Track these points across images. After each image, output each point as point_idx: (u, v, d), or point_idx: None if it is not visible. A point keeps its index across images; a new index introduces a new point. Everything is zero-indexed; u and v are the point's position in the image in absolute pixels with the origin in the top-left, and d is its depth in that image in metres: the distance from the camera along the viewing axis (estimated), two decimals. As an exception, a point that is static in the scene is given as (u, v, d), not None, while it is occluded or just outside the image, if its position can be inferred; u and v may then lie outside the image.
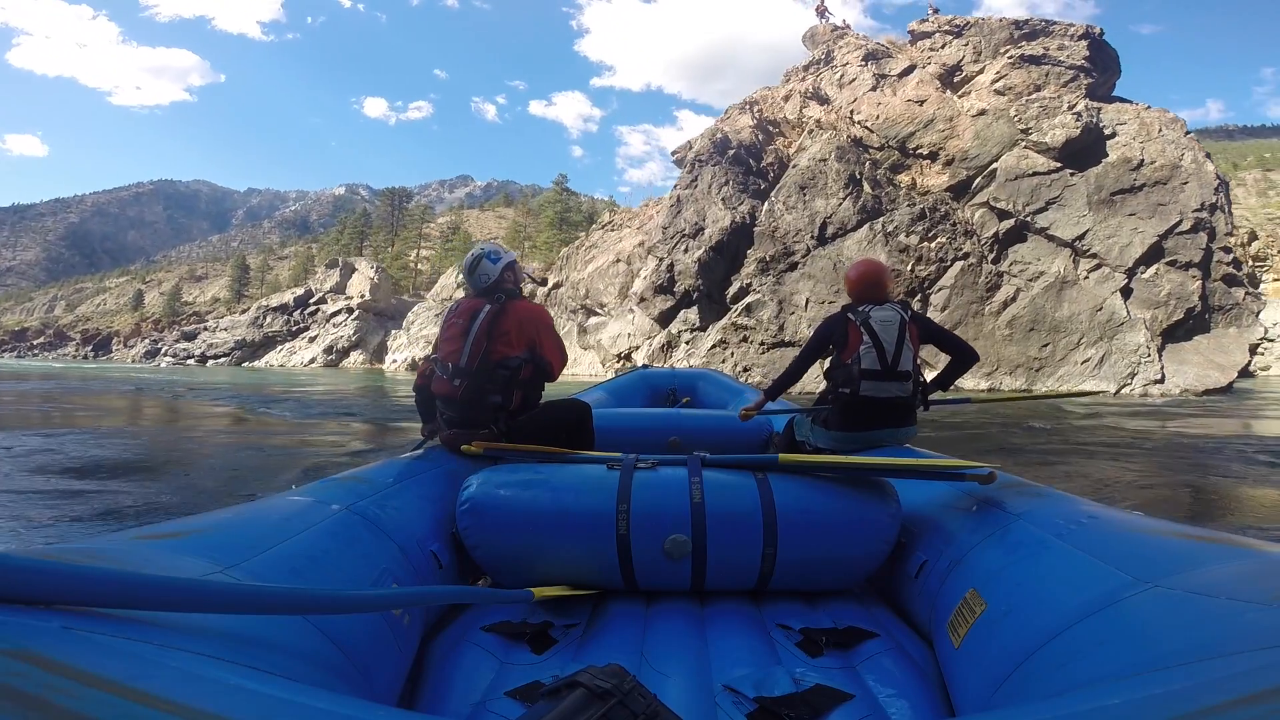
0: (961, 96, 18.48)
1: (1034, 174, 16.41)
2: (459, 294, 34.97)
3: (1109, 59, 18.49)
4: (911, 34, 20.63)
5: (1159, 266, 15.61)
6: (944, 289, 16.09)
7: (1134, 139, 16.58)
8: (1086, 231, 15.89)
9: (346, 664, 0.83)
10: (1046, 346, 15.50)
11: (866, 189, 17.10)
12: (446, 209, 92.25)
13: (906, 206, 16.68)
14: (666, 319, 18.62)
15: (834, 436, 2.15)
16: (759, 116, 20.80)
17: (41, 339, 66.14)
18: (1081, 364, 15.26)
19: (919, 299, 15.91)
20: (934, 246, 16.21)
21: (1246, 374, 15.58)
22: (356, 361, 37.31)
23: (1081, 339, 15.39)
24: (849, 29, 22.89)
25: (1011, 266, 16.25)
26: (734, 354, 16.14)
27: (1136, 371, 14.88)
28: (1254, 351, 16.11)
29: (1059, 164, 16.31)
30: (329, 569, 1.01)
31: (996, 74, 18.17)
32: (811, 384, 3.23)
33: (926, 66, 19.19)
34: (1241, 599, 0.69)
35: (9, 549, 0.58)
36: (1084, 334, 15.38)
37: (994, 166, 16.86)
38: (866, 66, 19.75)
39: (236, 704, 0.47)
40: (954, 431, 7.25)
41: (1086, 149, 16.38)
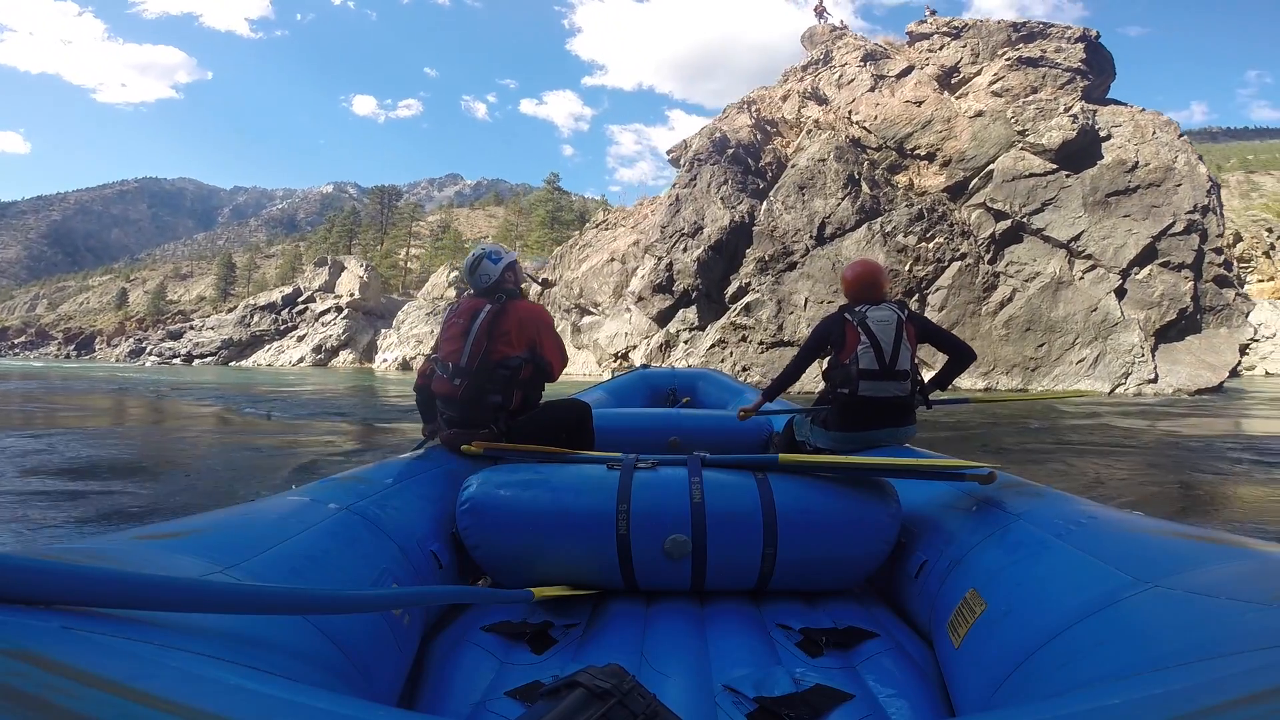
0: (959, 98, 18.52)
1: (1030, 175, 16.47)
2: (450, 293, 34.68)
3: (1104, 61, 18.56)
4: (910, 35, 20.67)
5: (1152, 267, 15.70)
6: (941, 289, 16.13)
7: (1128, 141, 16.66)
8: (1082, 233, 15.97)
9: (346, 664, 0.82)
10: (1042, 346, 15.57)
11: (865, 189, 17.12)
12: (436, 207, 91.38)
13: (904, 207, 16.72)
14: (665, 318, 18.61)
15: (833, 437, 2.15)
16: (757, 116, 20.79)
17: (23, 338, 65.34)
18: (1077, 364, 15.34)
19: (917, 299, 15.95)
20: (932, 247, 16.26)
21: (1234, 373, 15.70)
22: (346, 361, 36.78)
23: (1076, 339, 15.46)
24: (846, 29, 22.92)
25: (1008, 267, 16.31)
26: (733, 353, 16.14)
27: (1130, 371, 14.97)
28: (1243, 351, 16.24)
29: (1055, 165, 16.37)
30: (329, 569, 1.01)
31: (994, 76, 18.21)
32: (810, 384, 3.22)
33: (924, 68, 19.22)
34: (1241, 599, 0.69)
35: (9, 549, 0.57)
36: (1079, 334, 15.46)
37: (991, 168, 16.91)
38: (865, 67, 19.77)
39: (236, 704, 0.47)
40: (950, 432, 7.28)
41: (1082, 151, 16.44)
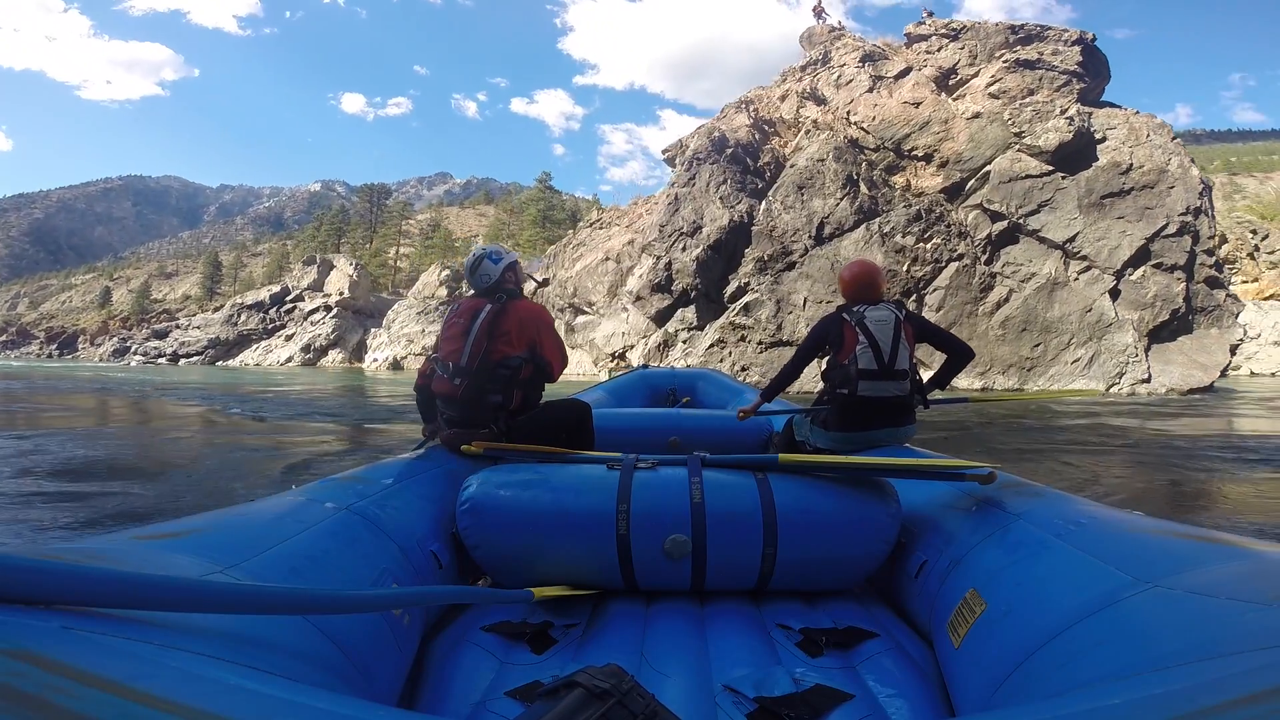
0: (956, 99, 18.57)
1: (1026, 177, 16.54)
2: (442, 291, 34.48)
3: (1100, 64, 18.66)
4: (908, 36, 20.71)
5: (1145, 269, 15.81)
6: (939, 289, 16.18)
7: (1123, 143, 16.75)
8: (1077, 234, 16.06)
9: (346, 664, 0.82)
10: (1038, 346, 15.65)
11: (863, 189, 17.16)
12: (425, 206, 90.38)
13: (903, 207, 16.76)
14: (663, 318, 18.58)
15: (833, 437, 2.15)
16: (755, 116, 20.79)
17: (3, 337, 64.42)
18: (1072, 364, 15.43)
19: (914, 299, 16.00)
20: (929, 247, 16.30)
21: (1222, 373, 15.84)
22: (335, 360, 36.35)
23: (1072, 339, 15.56)
24: (844, 30, 22.95)
25: (1004, 268, 16.38)
26: (732, 353, 16.15)
27: (1124, 371, 15.07)
28: (1234, 352, 16.39)
29: (1051, 167, 16.44)
30: (329, 569, 1.01)
31: (991, 78, 18.27)
32: (810, 384, 3.22)
33: (922, 69, 19.26)
34: (1241, 599, 0.69)
35: (9, 549, 0.57)
36: (1074, 334, 15.55)
37: (987, 169, 16.97)
38: (863, 68, 19.80)
39: (236, 704, 0.47)
40: (946, 432, 7.30)
41: (1077, 153, 16.52)
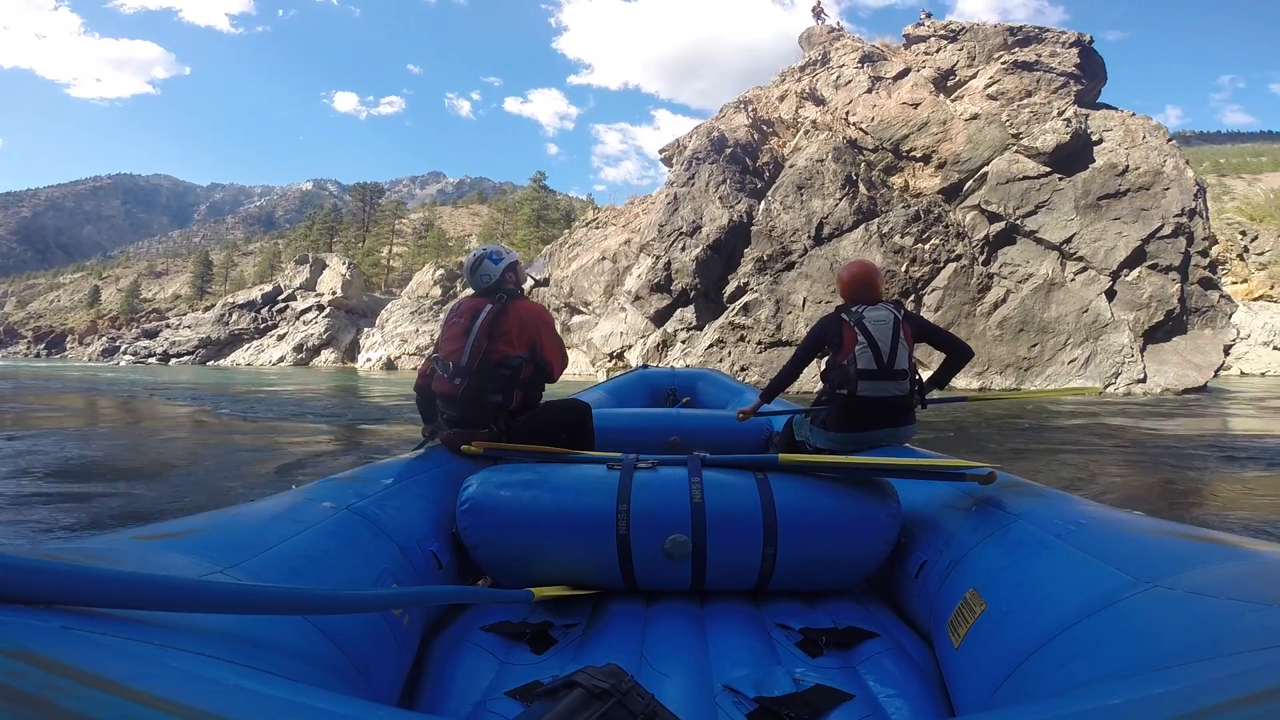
0: (955, 100, 18.61)
1: (1024, 178, 16.60)
2: (436, 291, 34.26)
3: (1096, 66, 18.74)
4: (907, 38, 20.76)
5: (1141, 270, 15.89)
6: (937, 290, 16.22)
7: (1119, 145, 16.82)
8: (1073, 235, 16.12)
9: (346, 664, 0.82)
10: (1035, 347, 15.71)
11: (862, 190, 17.18)
12: (418, 205, 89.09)
13: (901, 208, 16.79)
14: (662, 318, 18.57)
15: (833, 437, 2.15)
16: (753, 116, 20.80)
17: None
18: (1068, 364, 15.49)
19: (913, 300, 16.03)
20: (927, 248, 16.34)
21: (1214, 373, 15.96)
22: (328, 360, 35.84)
23: (1068, 339, 15.63)
24: (843, 31, 22.98)
25: (1001, 268, 16.44)
26: (731, 353, 16.15)
27: (1120, 371, 15.15)
28: (1227, 352, 16.49)
29: (1048, 168, 16.50)
30: (329, 569, 1.01)
31: (989, 79, 18.31)
32: (809, 383, 3.23)
33: (921, 70, 19.29)
34: (1241, 599, 0.69)
35: (9, 549, 0.56)
36: (1070, 334, 15.62)
37: (985, 170, 17.01)
38: (862, 69, 19.83)
39: (236, 704, 0.46)
40: (941, 432, 7.33)
41: (1074, 154, 16.58)
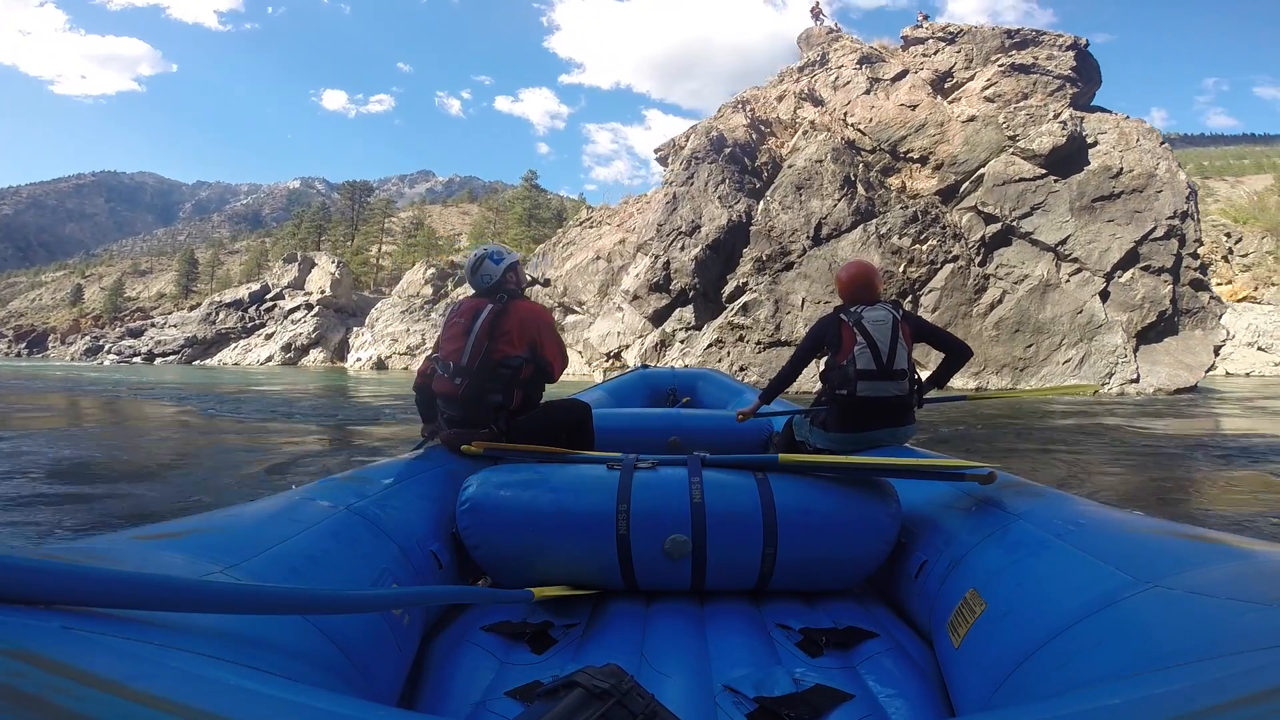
0: (952, 102, 18.68)
1: (1020, 180, 16.69)
2: (427, 290, 33.98)
3: (1091, 69, 18.87)
4: (904, 39, 20.83)
5: (1134, 271, 16.03)
6: (934, 290, 16.30)
7: (1114, 148, 16.95)
8: (1068, 237, 16.25)
9: (346, 664, 0.82)
10: (1030, 347, 15.82)
11: (860, 191, 17.22)
12: (407, 204, 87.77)
13: (899, 209, 16.85)
14: (661, 317, 18.55)
15: (832, 438, 2.15)
16: (751, 116, 20.82)
17: None
18: (1063, 364, 15.60)
19: (910, 300, 16.09)
20: (925, 249, 16.40)
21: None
22: (317, 360, 35.38)
23: (1063, 340, 15.75)
24: (841, 32, 23.03)
25: (998, 269, 16.53)
26: (730, 353, 16.17)
27: (1114, 371, 15.28)
28: (1217, 352, 16.65)
29: (1044, 171, 16.61)
30: (329, 569, 1.01)
31: (987, 81, 18.40)
32: (808, 383, 3.23)
33: (919, 72, 19.36)
34: (1241, 599, 0.69)
35: (9, 549, 0.56)
36: (1065, 335, 15.75)
37: (982, 172, 17.10)
38: (861, 70, 19.89)
39: (236, 704, 0.46)
40: (933, 431, 7.36)
41: (1069, 156, 16.69)
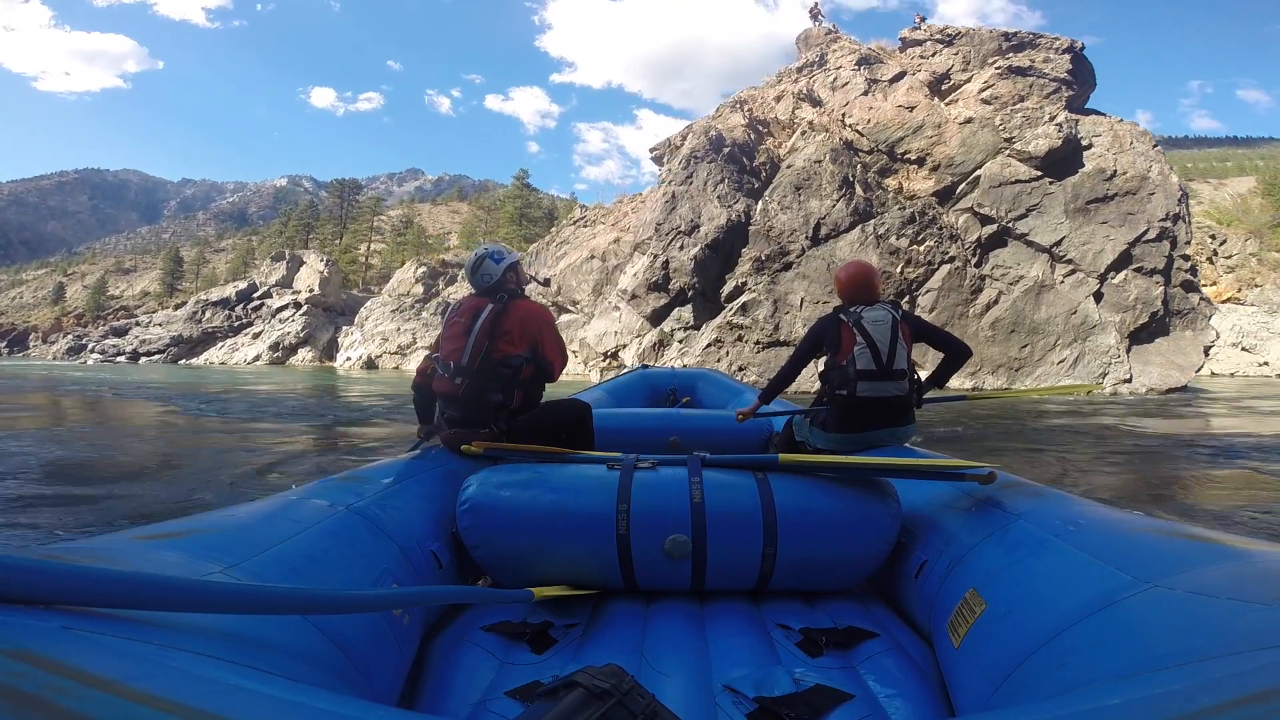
0: (949, 104, 18.76)
1: (1016, 182, 16.81)
2: (418, 289, 33.71)
3: (1086, 72, 19.01)
4: (903, 41, 20.89)
5: (1127, 272, 16.19)
6: (931, 291, 16.38)
7: (1108, 150, 17.09)
8: (1063, 238, 16.39)
9: (346, 664, 0.82)
10: (1025, 347, 15.94)
11: (858, 191, 17.28)
12: (396, 202, 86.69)
13: (897, 210, 16.93)
14: (659, 317, 18.53)
15: (832, 438, 2.14)
16: (749, 115, 20.84)
17: None
18: (1057, 364, 15.73)
19: (907, 300, 16.16)
20: (922, 250, 16.48)
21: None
22: (305, 359, 34.97)
23: (1057, 340, 15.88)
24: (839, 32, 23.09)
25: (993, 270, 16.63)
26: (729, 353, 16.18)
27: (1108, 371, 15.43)
28: (1207, 353, 16.84)
29: (1039, 173, 16.73)
30: (329, 569, 1.00)
31: (984, 83, 18.49)
32: (807, 382, 3.24)
33: (917, 73, 19.42)
34: (1241, 599, 0.69)
35: (9, 549, 0.55)
36: (1059, 335, 15.88)
37: (978, 173, 17.20)
38: (859, 71, 19.95)
39: (236, 704, 0.46)
40: (928, 431, 7.40)
41: (1065, 159, 16.82)
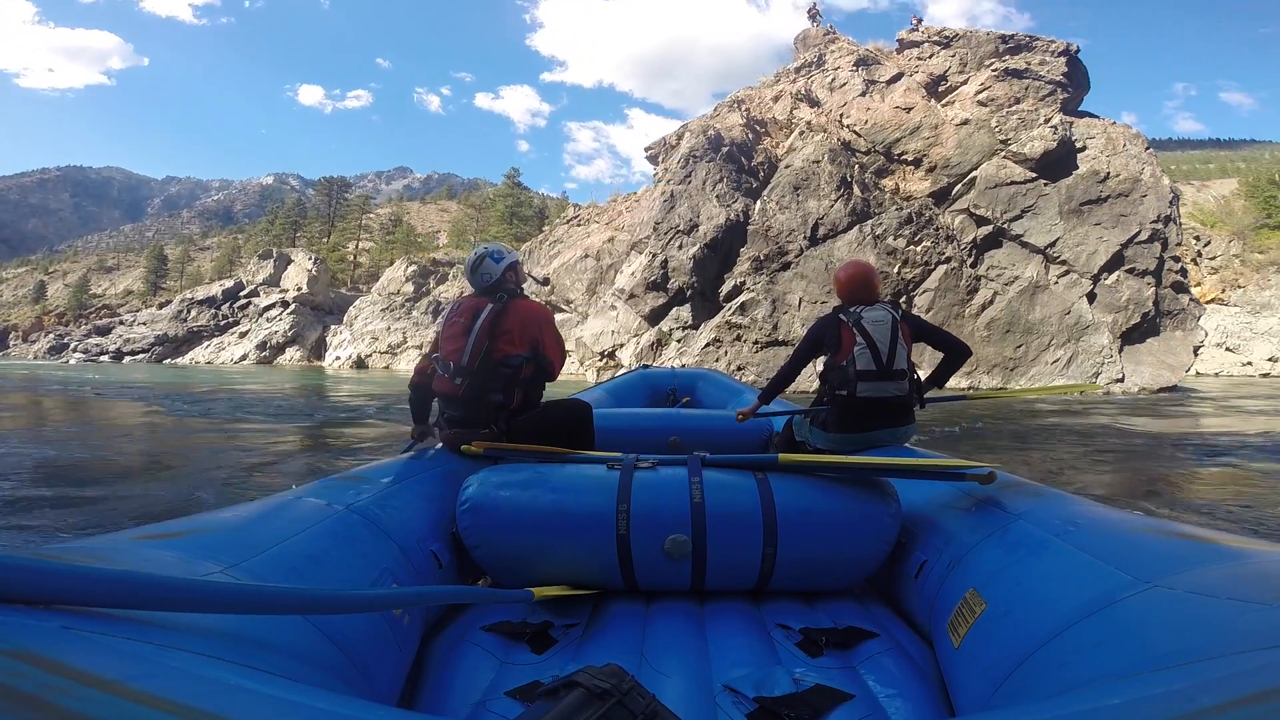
0: (946, 106, 18.84)
1: (1011, 183, 16.92)
2: (408, 288, 33.41)
3: (1081, 75, 19.13)
4: (900, 42, 20.96)
5: (1119, 273, 16.33)
6: (928, 291, 16.46)
7: (1101, 153, 17.22)
8: (1057, 239, 16.52)
9: (346, 664, 0.82)
10: (1020, 347, 16.05)
11: (856, 192, 17.34)
12: (385, 200, 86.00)
13: (894, 210, 16.99)
14: (657, 316, 18.52)
15: (832, 438, 2.14)
16: (747, 115, 20.85)
17: None
18: (1051, 364, 15.85)
19: (904, 300, 16.22)
20: (919, 250, 16.55)
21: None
22: (293, 358, 34.64)
23: (1051, 340, 16.01)
24: (836, 33, 23.14)
25: (989, 271, 16.74)
26: (727, 353, 16.20)
27: (1100, 371, 15.56)
28: (1196, 353, 17.02)
29: (1034, 174, 16.84)
30: (329, 569, 1.00)
31: (980, 85, 18.58)
32: (806, 382, 3.24)
33: (914, 75, 19.49)
34: (1241, 599, 0.69)
35: (9, 549, 0.55)
36: (1053, 335, 16.01)
37: (974, 175, 17.29)
38: (857, 72, 20.00)
39: (236, 704, 0.46)
40: (929, 431, 7.43)
41: (1059, 161, 16.95)
